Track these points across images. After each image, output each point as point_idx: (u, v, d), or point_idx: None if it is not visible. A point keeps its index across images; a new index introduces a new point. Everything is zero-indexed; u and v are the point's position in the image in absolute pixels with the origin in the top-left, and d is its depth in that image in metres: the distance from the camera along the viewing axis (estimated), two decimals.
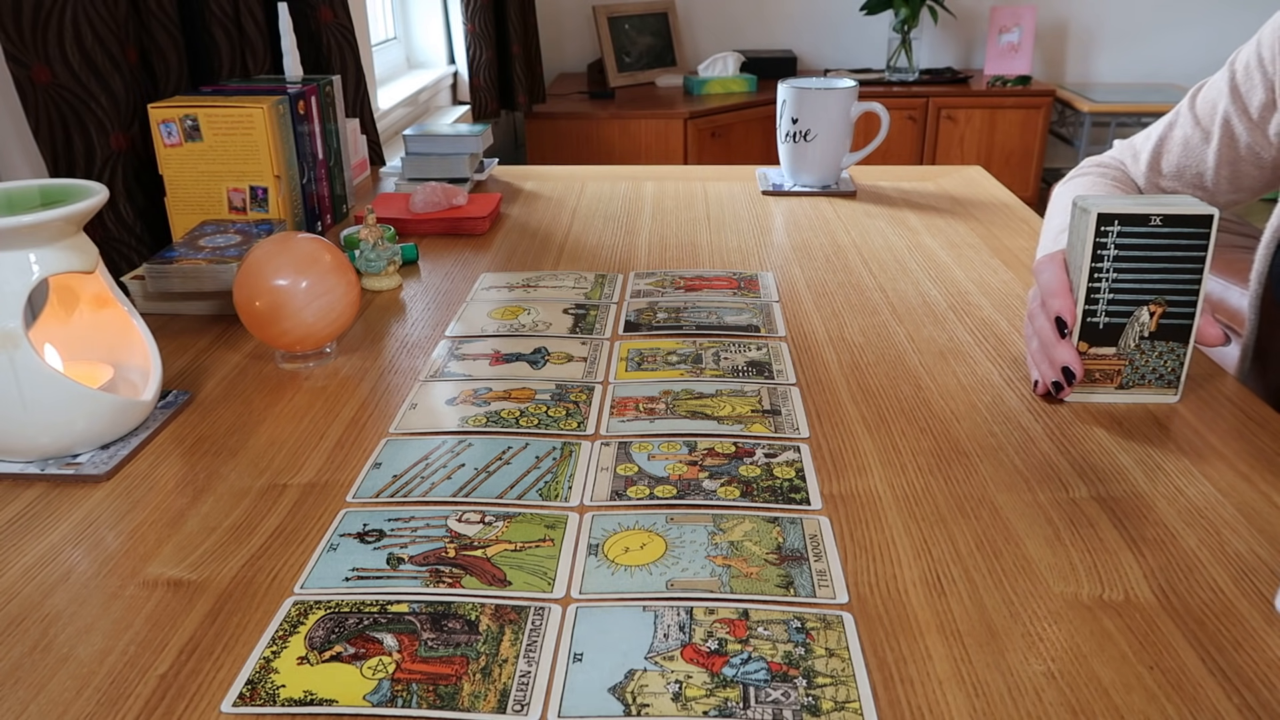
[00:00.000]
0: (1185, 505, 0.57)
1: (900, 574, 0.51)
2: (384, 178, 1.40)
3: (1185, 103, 0.89)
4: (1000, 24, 3.39)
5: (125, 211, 0.99)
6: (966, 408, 0.69)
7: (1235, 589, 0.50)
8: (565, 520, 0.56)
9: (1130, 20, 3.49)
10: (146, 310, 0.87)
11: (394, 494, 0.59)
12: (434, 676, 0.45)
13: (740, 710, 0.42)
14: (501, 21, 2.54)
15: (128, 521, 0.57)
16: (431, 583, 0.51)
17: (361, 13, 1.89)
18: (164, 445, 0.66)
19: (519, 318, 0.86)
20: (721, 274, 0.96)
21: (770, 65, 3.32)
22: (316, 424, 0.68)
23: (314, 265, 0.73)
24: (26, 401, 0.59)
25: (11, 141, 0.95)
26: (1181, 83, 3.49)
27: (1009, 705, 0.43)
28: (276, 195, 0.99)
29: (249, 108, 0.95)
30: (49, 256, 0.60)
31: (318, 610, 0.49)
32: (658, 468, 0.61)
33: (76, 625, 0.48)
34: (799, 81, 1.26)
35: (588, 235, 1.10)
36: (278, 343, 0.75)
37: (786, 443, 0.64)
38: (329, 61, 1.45)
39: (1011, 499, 0.58)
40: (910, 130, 3.23)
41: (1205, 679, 0.44)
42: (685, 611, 0.48)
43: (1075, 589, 0.50)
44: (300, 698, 0.43)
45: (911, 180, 1.33)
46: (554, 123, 2.96)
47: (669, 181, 1.33)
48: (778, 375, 0.74)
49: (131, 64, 1.01)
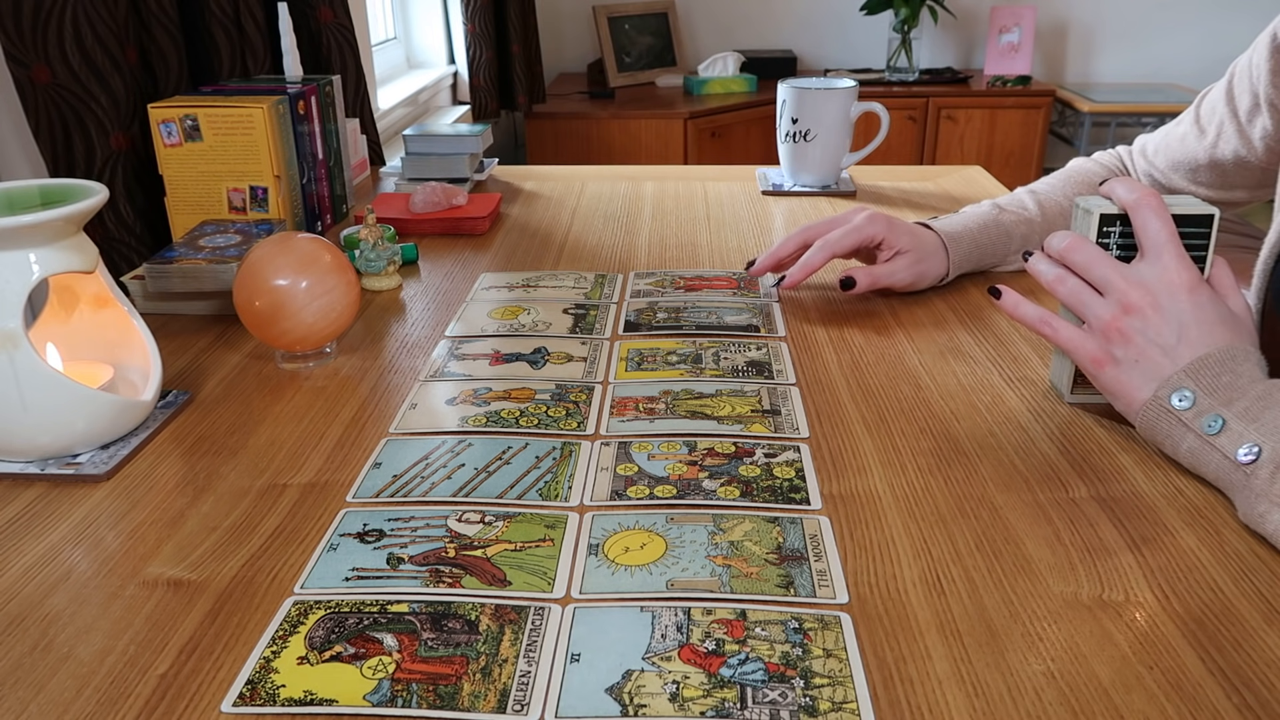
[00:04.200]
0: (1185, 505, 0.57)
1: (900, 574, 0.51)
2: (384, 178, 1.40)
3: (1193, 104, 0.92)
4: (1000, 24, 3.39)
5: (125, 211, 0.99)
6: (966, 408, 0.69)
7: (1235, 589, 0.50)
8: (565, 520, 0.56)
9: (1130, 20, 3.49)
10: (146, 310, 0.87)
11: (394, 494, 0.59)
12: (434, 676, 0.45)
13: (737, 711, 0.42)
14: (501, 21, 2.54)
15: (128, 521, 0.57)
16: (431, 583, 0.51)
17: (361, 13, 1.89)
18: (164, 445, 0.66)
19: (519, 318, 0.86)
20: (721, 274, 0.96)
21: (770, 65, 3.32)
22: (316, 424, 0.68)
23: (314, 265, 0.73)
24: (26, 401, 0.59)
25: (11, 141, 0.95)
26: (1181, 83, 3.49)
27: (1009, 705, 0.43)
28: (276, 195, 0.99)
29: (249, 108, 0.95)
30: (49, 256, 0.60)
31: (318, 610, 0.49)
32: (658, 468, 0.61)
33: (76, 625, 0.48)
34: (799, 81, 1.26)
35: (588, 235, 1.10)
36: (278, 343, 0.75)
37: (786, 443, 0.64)
38: (329, 61, 1.45)
39: (1011, 499, 0.58)
40: (910, 130, 3.23)
41: (1205, 679, 0.44)
42: (683, 612, 0.48)
43: (1075, 589, 0.50)
44: (300, 698, 0.43)
45: (911, 180, 1.33)
46: (554, 123, 2.96)
47: (669, 181, 1.33)
48: (778, 375, 0.74)
49: (131, 64, 1.01)
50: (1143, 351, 0.60)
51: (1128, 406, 0.61)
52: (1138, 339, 0.60)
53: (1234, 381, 0.56)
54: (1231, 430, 0.54)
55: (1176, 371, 0.58)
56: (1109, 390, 0.62)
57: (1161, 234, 0.60)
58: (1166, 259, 0.60)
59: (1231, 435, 0.54)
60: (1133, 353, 0.60)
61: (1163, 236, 0.60)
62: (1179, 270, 0.60)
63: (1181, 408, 0.57)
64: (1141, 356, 0.60)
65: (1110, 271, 0.61)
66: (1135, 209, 0.61)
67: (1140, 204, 0.61)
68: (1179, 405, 0.57)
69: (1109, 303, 0.61)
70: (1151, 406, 0.59)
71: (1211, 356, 0.57)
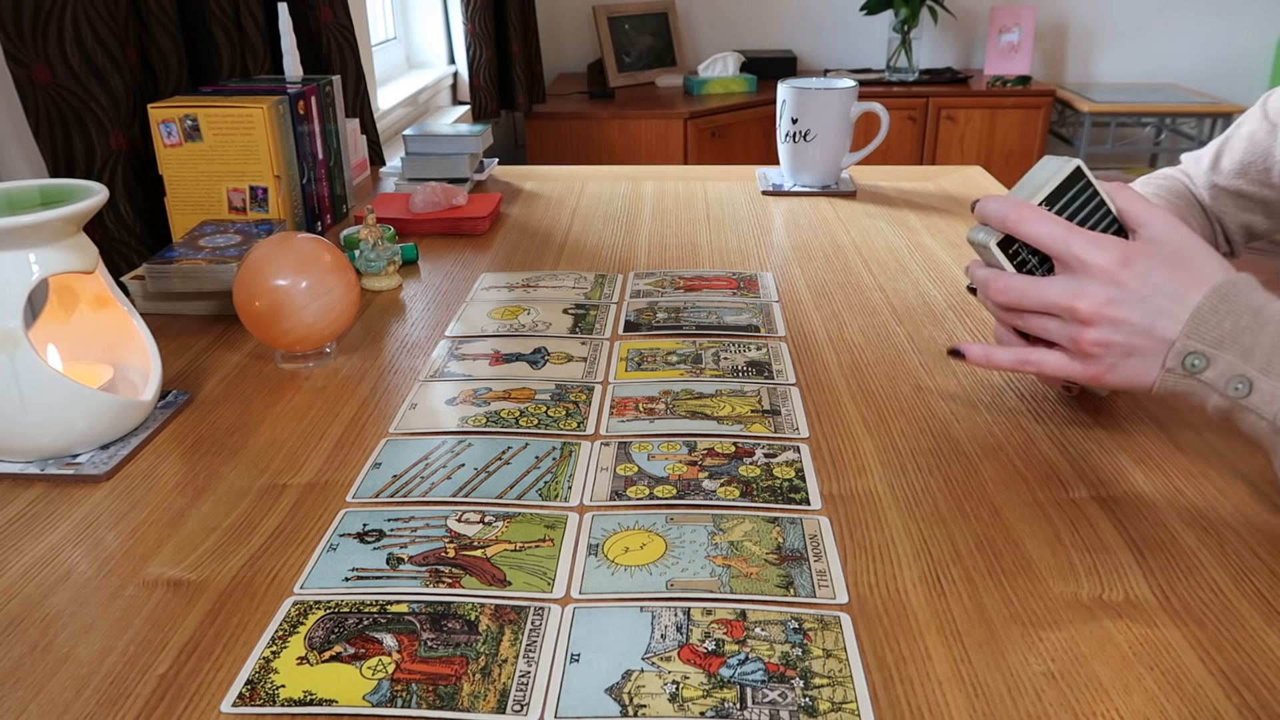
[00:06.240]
0: (1185, 505, 0.57)
1: (900, 574, 0.51)
2: (384, 178, 1.40)
3: (1256, 105, 0.88)
4: (1000, 24, 3.39)
5: (125, 211, 0.99)
6: (966, 408, 0.69)
7: (1235, 589, 0.50)
8: (565, 520, 0.56)
9: (1130, 20, 3.49)
10: (146, 310, 0.87)
11: (394, 494, 0.59)
12: (434, 676, 0.45)
13: (737, 711, 0.42)
14: (501, 21, 2.54)
15: (128, 521, 0.57)
16: (431, 583, 0.51)
17: (361, 13, 1.89)
18: (164, 445, 0.66)
19: (519, 318, 0.86)
20: (721, 274, 0.96)
21: (770, 65, 3.32)
22: (316, 424, 0.68)
23: (314, 265, 0.73)
24: (26, 401, 0.59)
25: (11, 141, 0.95)
26: (1181, 83, 3.49)
27: (1009, 705, 0.43)
28: (276, 195, 0.99)
29: (249, 108, 0.95)
30: (49, 256, 0.60)
31: (317, 610, 0.49)
32: (657, 468, 0.61)
33: (76, 625, 0.48)
34: (799, 81, 1.26)
35: (588, 235, 1.10)
36: (278, 343, 0.75)
37: (786, 443, 0.64)
38: (329, 61, 1.45)
39: (1011, 499, 0.58)
40: (910, 130, 3.23)
41: (1205, 679, 0.44)
42: (683, 612, 0.48)
43: (1075, 589, 0.50)
44: (300, 698, 0.43)
45: (911, 180, 1.32)
46: (554, 123, 2.96)
47: (669, 181, 1.33)
48: (777, 375, 0.74)
49: (131, 64, 1.01)
50: (1131, 346, 0.57)
51: (1143, 389, 0.58)
52: (1115, 340, 0.57)
53: (1237, 323, 0.54)
54: (1261, 391, 0.52)
55: (1177, 339, 0.55)
56: (1118, 387, 0.60)
57: (1055, 235, 0.57)
58: (1077, 253, 0.56)
59: (1263, 395, 0.52)
60: (1120, 352, 0.57)
61: (1058, 237, 0.57)
62: (1096, 257, 0.56)
63: (1199, 367, 0.54)
64: (1130, 350, 0.57)
65: (1043, 296, 0.58)
66: (1015, 227, 0.58)
67: (1013, 221, 0.58)
68: (1196, 368, 0.54)
69: (1067, 324, 0.58)
70: (1165, 381, 0.56)
71: (1202, 309, 0.54)
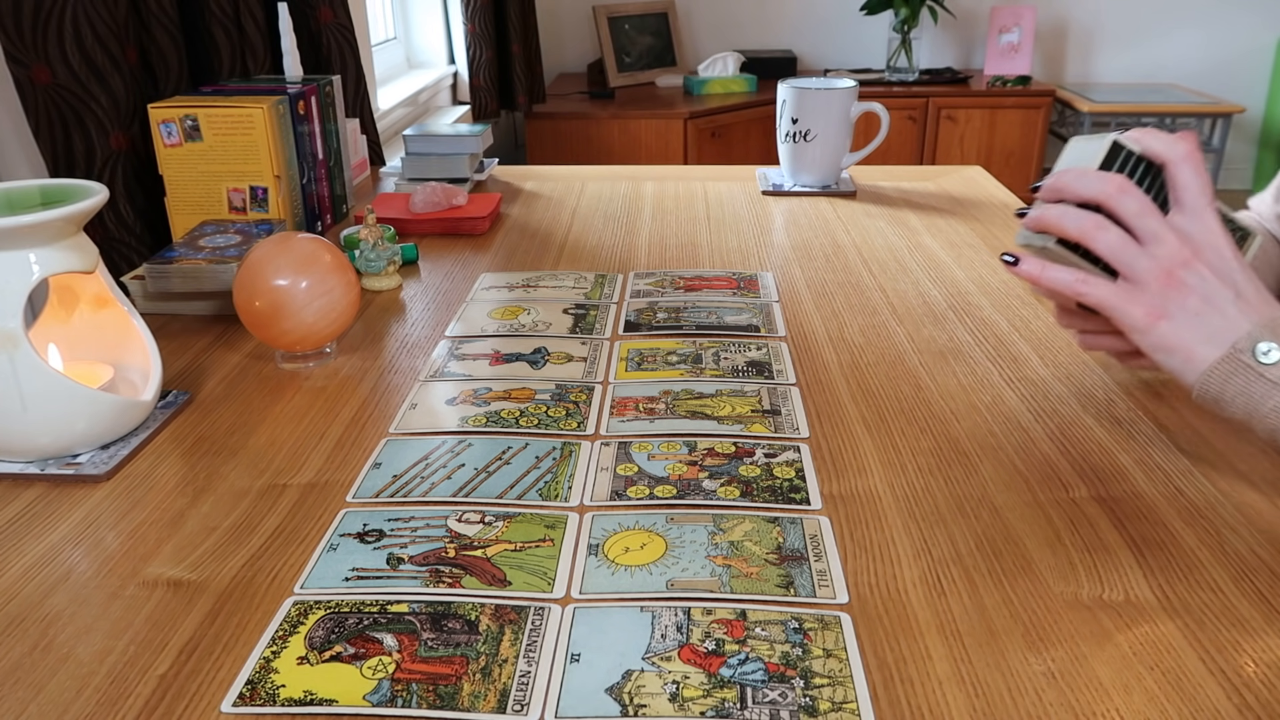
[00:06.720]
0: (1185, 505, 0.57)
1: (900, 574, 0.51)
2: (384, 178, 1.40)
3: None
4: (1000, 24, 3.39)
5: (125, 211, 0.99)
6: (966, 408, 0.69)
7: (1235, 589, 0.50)
8: (565, 520, 0.56)
9: (1130, 20, 3.49)
10: (146, 310, 0.87)
11: (394, 494, 0.59)
12: (434, 676, 0.45)
13: (737, 711, 0.42)
14: (501, 21, 2.54)
15: (128, 521, 0.57)
16: (431, 583, 0.51)
17: (361, 13, 1.89)
18: (164, 445, 0.66)
19: (519, 318, 0.86)
20: (721, 274, 0.96)
21: (770, 65, 3.32)
22: (316, 424, 0.68)
23: (314, 265, 0.73)
24: (26, 401, 0.59)
25: (11, 141, 0.95)
26: (1181, 83, 3.49)
27: (1009, 705, 0.43)
28: (276, 195, 0.99)
29: (249, 108, 0.95)
30: (49, 256, 0.60)
31: (318, 610, 0.49)
32: (658, 468, 0.61)
33: (76, 625, 0.48)
34: (799, 81, 1.26)
35: (588, 235, 1.10)
36: (278, 343, 0.75)
37: (786, 443, 0.64)
38: (329, 61, 1.45)
39: (1011, 499, 0.58)
40: (910, 130, 3.23)
41: (1205, 679, 0.44)
42: (683, 612, 0.48)
43: (1075, 589, 0.50)
44: (300, 698, 0.43)
45: (911, 180, 1.32)
46: (554, 123, 2.96)
47: (669, 181, 1.33)
48: (778, 375, 0.74)
49: (131, 64, 1.01)
50: (1203, 306, 0.54)
51: (1186, 363, 0.55)
52: (1197, 292, 0.54)
53: None
54: None
55: (1256, 326, 0.53)
56: (1163, 347, 0.56)
57: (1206, 192, 0.56)
58: (1208, 219, 0.55)
59: None
60: (1192, 306, 0.54)
61: (1207, 194, 0.56)
62: (1222, 231, 0.55)
63: (1268, 361, 0.52)
64: (1203, 310, 0.54)
65: (1160, 224, 0.55)
66: (1177, 163, 0.56)
67: (1183, 158, 0.56)
68: (1266, 360, 0.52)
69: (1160, 254, 0.55)
70: (1226, 362, 0.53)
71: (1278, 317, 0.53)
